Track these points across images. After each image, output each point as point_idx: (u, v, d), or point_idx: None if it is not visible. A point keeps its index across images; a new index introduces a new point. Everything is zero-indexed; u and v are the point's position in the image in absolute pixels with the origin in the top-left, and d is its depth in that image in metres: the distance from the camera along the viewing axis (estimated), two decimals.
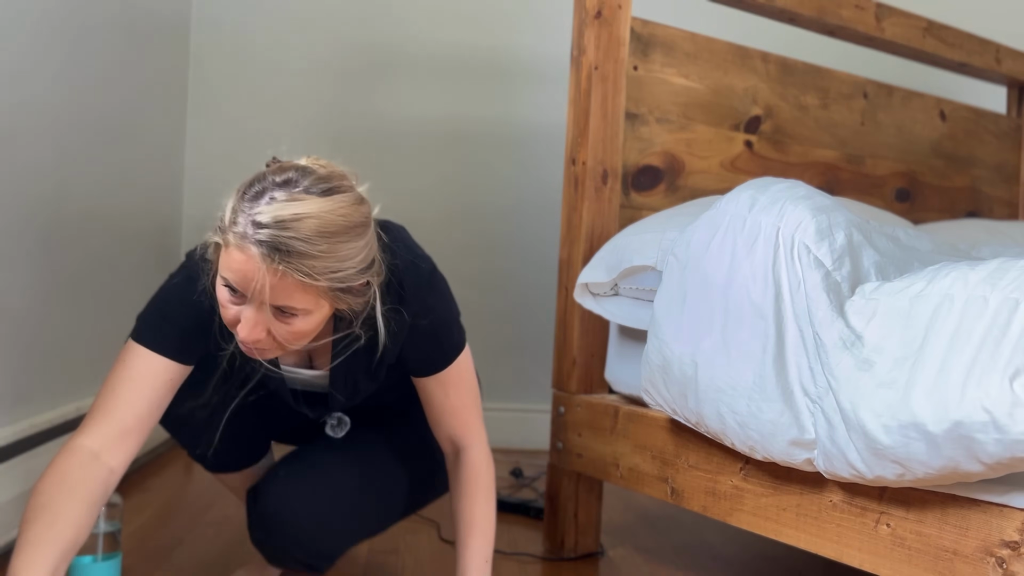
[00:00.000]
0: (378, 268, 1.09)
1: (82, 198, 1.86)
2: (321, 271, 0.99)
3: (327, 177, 1.02)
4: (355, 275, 1.03)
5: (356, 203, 1.03)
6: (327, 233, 0.98)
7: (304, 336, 1.05)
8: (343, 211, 1.00)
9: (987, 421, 0.87)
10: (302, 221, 0.97)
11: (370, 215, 1.06)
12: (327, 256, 0.99)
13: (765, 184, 1.20)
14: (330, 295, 1.02)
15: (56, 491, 1.04)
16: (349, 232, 1.01)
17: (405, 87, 2.69)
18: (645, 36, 1.73)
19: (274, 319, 1.02)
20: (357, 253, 1.02)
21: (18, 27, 1.55)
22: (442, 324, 1.22)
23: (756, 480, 1.23)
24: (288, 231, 0.96)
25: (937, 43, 2.19)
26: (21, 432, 1.55)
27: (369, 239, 1.05)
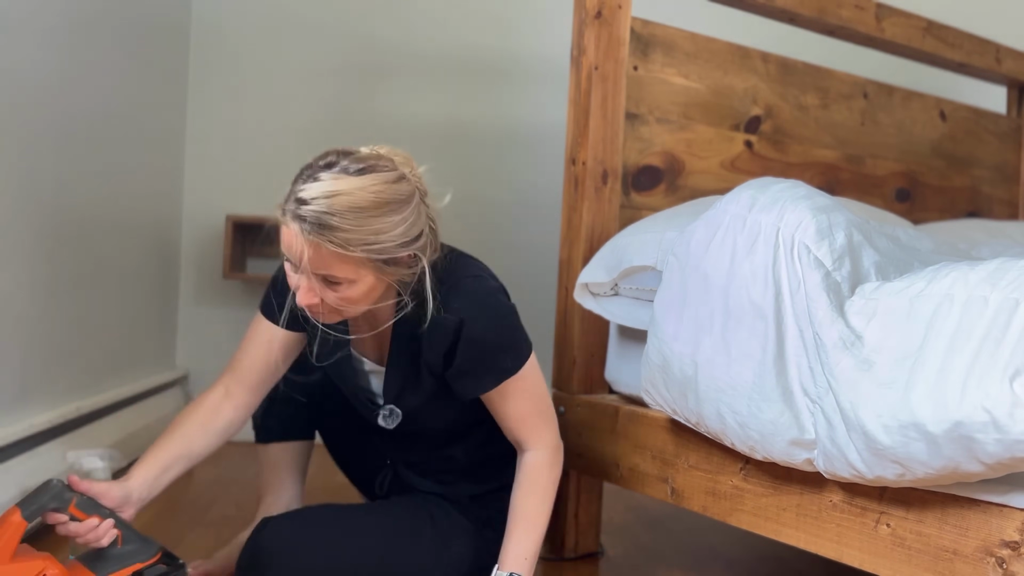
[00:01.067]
0: (427, 244, 1.19)
1: (82, 198, 1.86)
2: (355, 243, 1.10)
3: (365, 158, 1.14)
4: (394, 248, 1.13)
5: (391, 181, 1.13)
6: (358, 208, 1.09)
7: (353, 303, 1.16)
8: (375, 188, 1.11)
9: (987, 421, 0.87)
10: (335, 198, 1.08)
11: (412, 192, 1.16)
12: (359, 229, 1.09)
13: (765, 184, 1.20)
14: (371, 265, 1.13)
15: (181, 417, 1.31)
16: (382, 207, 1.11)
17: (405, 87, 2.69)
18: (645, 36, 1.73)
19: (324, 287, 1.14)
20: (393, 227, 1.12)
21: (18, 27, 1.55)
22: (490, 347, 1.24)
23: (756, 480, 1.23)
24: (322, 207, 1.08)
25: (937, 43, 2.19)
26: (21, 432, 1.55)
27: (408, 215, 1.14)
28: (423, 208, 1.19)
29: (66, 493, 1.10)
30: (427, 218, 1.20)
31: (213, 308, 2.64)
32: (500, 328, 1.25)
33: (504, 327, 1.26)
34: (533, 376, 1.29)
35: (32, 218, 1.63)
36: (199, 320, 2.64)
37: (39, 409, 1.69)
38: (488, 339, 1.24)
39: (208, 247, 2.63)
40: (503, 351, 1.25)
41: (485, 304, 1.25)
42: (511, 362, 1.26)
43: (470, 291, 1.25)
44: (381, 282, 1.17)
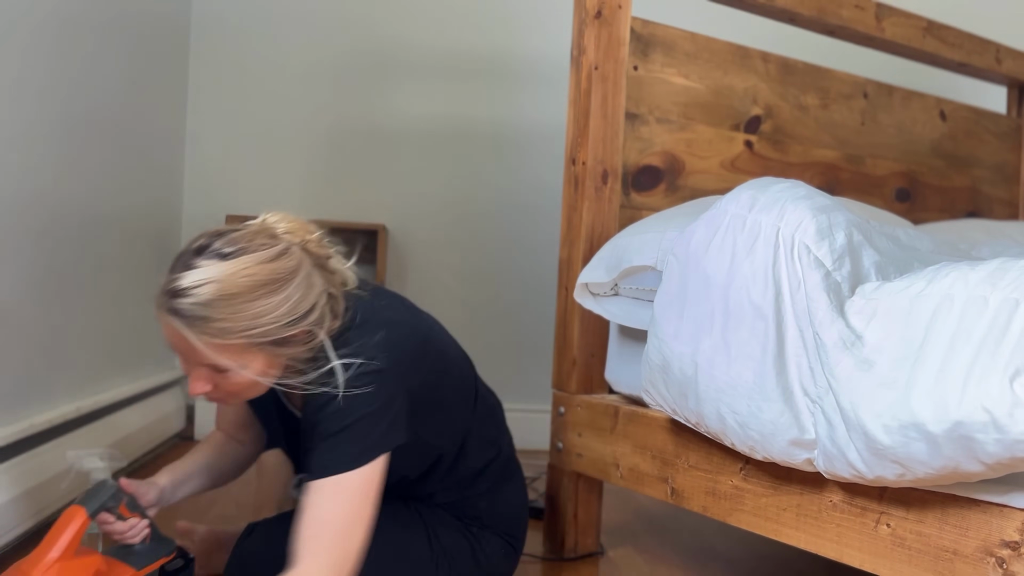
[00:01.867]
0: (323, 315, 1.11)
1: (82, 198, 1.86)
2: (233, 331, 1.04)
3: (238, 239, 1.08)
4: (279, 328, 1.06)
5: (268, 260, 1.07)
6: (230, 295, 1.04)
7: (248, 387, 1.12)
8: (249, 271, 1.05)
9: (987, 421, 0.87)
10: (205, 287, 1.03)
11: (296, 267, 1.09)
12: (235, 317, 1.04)
13: (765, 184, 1.20)
14: (258, 349, 1.07)
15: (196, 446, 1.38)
16: (257, 290, 1.05)
17: (405, 87, 2.69)
18: (645, 36, 1.73)
19: (214, 375, 1.09)
20: (274, 308, 1.06)
21: (18, 27, 1.55)
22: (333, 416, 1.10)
23: (756, 480, 1.23)
24: (189, 298, 1.03)
25: (937, 43, 2.19)
26: (21, 432, 1.55)
27: (293, 291, 1.07)
28: (317, 278, 1.12)
29: (119, 494, 1.17)
30: (322, 288, 1.12)
31: None
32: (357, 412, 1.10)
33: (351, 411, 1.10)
34: (364, 484, 1.09)
35: (32, 218, 1.63)
36: None
37: (39, 409, 1.69)
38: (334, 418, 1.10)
39: None
40: (343, 436, 1.09)
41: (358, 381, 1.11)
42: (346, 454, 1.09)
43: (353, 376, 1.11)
44: (274, 363, 1.10)
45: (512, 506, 1.37)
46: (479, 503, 1.33)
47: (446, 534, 1.29)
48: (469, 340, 2.70)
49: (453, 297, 2.71)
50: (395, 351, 1.14)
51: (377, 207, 2.68)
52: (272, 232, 1.12)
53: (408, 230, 2.69)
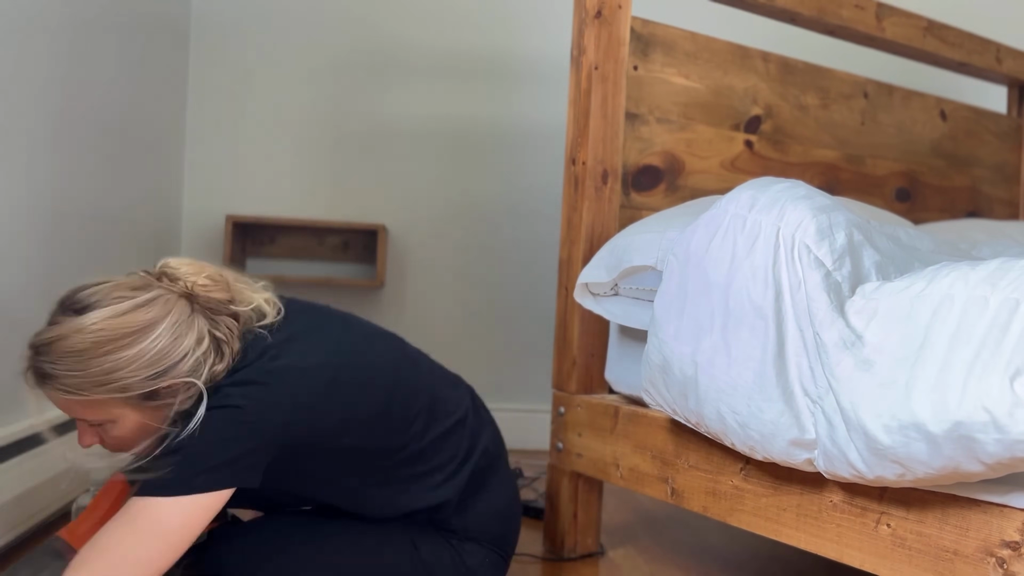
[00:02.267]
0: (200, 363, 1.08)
1: (82, 198, 1.86)
2: (85, 387, 1.03)
3: (94, 292, 1.06)
4: (141, 382, 1.04)
5: (117, 315, 1.04)
6: (75, 352, 1.02)
7: (128, 441, 1.10)
8: (96, 327, 1.03)
9: (987, 421, 0.87)
10: (52, 344, 1.03)
11: (151, 321, 1.05)
12: (83, 373, 1.02)
13: (765, 184, 1.20)
14: (124, 403, 1.06)
15: None
16: (106, 345, 1.03)
17: (405, 87, 2.69)
18: (645, 36, 1.73)
19: (95, 428, 1.09)
20: (129, 363, 1.03)
21: (18, 27, 1.55)
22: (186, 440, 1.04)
23: (756, 480, 1.23)
24: (41, 355, 1.04)
25: (937, 43, 2.19)
26: (21, 432, 1.55)
27: (152, 343, 1.04)
28: (195, 326, 1.08)
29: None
30: (198, 336, 1.08)
31: None
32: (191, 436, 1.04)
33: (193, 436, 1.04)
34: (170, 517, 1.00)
35: (32, 217, 1.63)
36: None
37: (39, 409, 1.68)
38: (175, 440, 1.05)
39: (208, 247, 2.63)
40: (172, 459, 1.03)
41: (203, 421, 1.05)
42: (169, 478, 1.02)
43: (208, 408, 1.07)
44: (153, 415, 1.07)
45: (490, 516, 1.31)
46: (451, 520, 1.28)
47: (427, 547, 1.25)
48: (469, 340, 2.71)
49: (453, 297, 2.71)
50: (262, 398, 1.07)
51: (377, 207, 2.68)
52: (141, 283, 1.10)
53: (408, 230, 2.69)
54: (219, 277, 1.16)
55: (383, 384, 1.21)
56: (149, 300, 1.07)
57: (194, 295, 1.12)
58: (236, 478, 1.04)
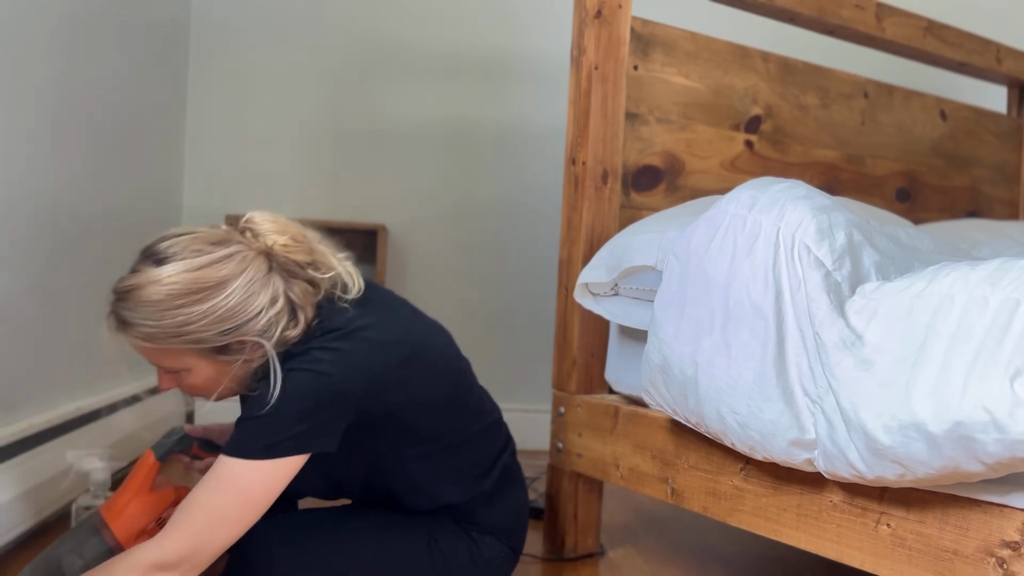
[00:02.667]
0: (272, 324, 1.10)
1: (82, 198, 1.86)
2: (160, 337, 1.07)
3: (174, 244, 1.09)
4: (213, 336, 1.07)
5: (192, 269, 1.07)
6: (151, 302, 1.06)
7: (204, 390, 1.14)
8: (171, 279, 1.06)
9: (987, 421, 0.87)
10: (130, 292, 1.07)
11: (226, 277, 1.08)
12: (158, 324, 1.06)
13: (765, 184, 1.20)
14: (197, 354, 1.09)
15: None
16: (179, 299, 1.06)
17: (405, 87, 2.69)
18: (645, 36, 1.73)
19: (171, 374, 1.14)
20: (200, 317, 1.06)
21: (18, 27, 1.55)
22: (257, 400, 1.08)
23: (756, 480, 1.23)
24: (120, 302, 1.09)
25: (937, 43, 2.19)
26: (21, 432, 1.55)
27: (223, 300, 1.07)
28: (271, 286, 1.10)
29: (188, 439, 1.29)
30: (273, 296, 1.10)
31: None
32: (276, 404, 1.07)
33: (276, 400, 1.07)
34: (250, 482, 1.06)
35: (32, 217, 1.63)
36: None
37: (39, 409, 1.69)
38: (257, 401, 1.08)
39: None
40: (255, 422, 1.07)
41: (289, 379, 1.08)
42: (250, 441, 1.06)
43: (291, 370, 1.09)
44: (224, 368, 1.11)
45: (512, 513, 1.35)
46: (477, 512, 1.31)
47: (445, 539, 1.27)
48: (469, 340, 2.70)
49: (453, 297, 2.71)
50: (348, 364, 1.10)
51: (377, 207, 2.68)
52: (222, 237, 1.11)
53: (408, 230, 2.69)
54: (302, 238, 1.16)
55: (447, 370, 1.25)
56: (226, 256, 1.09)
57: (273, 254, 1.13)
58: (315, 444, 1.08)
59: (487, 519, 1.32)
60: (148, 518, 1.19)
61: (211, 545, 1.04)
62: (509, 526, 1.34)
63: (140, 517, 1.19)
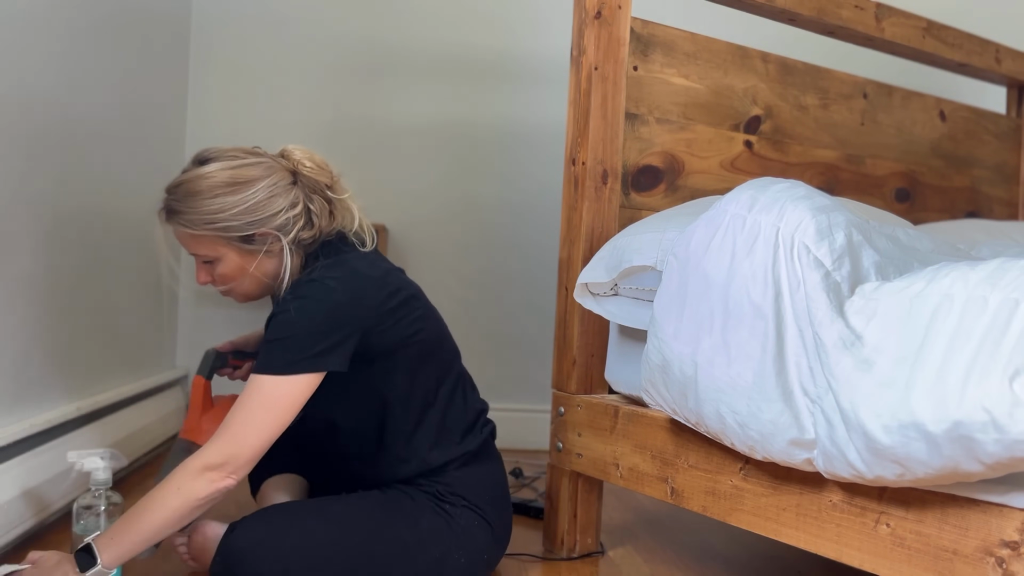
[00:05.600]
0: (289, 224, 1.31)
1: (82, 198, 1.86)
2: (198, 223, 1.28)
3: (219, 151, 1.32)
4: (241, 225, 1.28)
5: (231, 167, 1.29)
6: (195, 192, 1.28)
7: (231, 279, 1.33)
8: (212, 173, 1.28)
9: (987, 421, 0.87)
10: (178, 186, 1.30)
11: (261, 176, 1.30)
12: (197, 210, 1.27)
13: (765, 184, 1.20)
14: (225, 243, 1.30)
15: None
16: (216, 189, 1.28)
17: (405, 87, 2.69)
18: (645, 36, 1.73)
19: (205, 268, 1.34)
20: (232, 207, 1.27)
21: (18, 27, 1.55)
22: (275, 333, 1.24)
23: (756, 480, 1.23)
24: (170, 195, 1.31)
25: (937, 43, 2.19)
26: (21, 432, 1.55)
27: (251, 195, 1.28)
28: (291, 194, 1.31)
29: (222, 355, 1.49)
30: (292, 201, 1.31)
31: (213, 308, 2.64)
32: (290, 326, 1.23)
33: (292, 326, 1.23)
34: (276, 395, 1.22)
35: (32, 217, 1.63)
36: (199, 320, 2.64)
37: (39, 409, 1.69)
38: (277, 328, 1.24)
39: None
40: (276, 346, 1.23)
41: (298, 299, 1.25)
42: (275, 363, 1.22)
43: (302, 285, 1.27)
44: (248, 259, 1.31)
45: (486, 484, 1.42)
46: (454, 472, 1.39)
47: (424, 518, 1.34)
48: (469, 340, 2.71)
49: (453, 297, 2.71)
50: (354, 286, 1.28)
51: (377, 207, 2.68)
52: (256, 151, 1.34)
53: (408, 230, 2.69)
54: (326, 166, 1.38)
55: (438, 327, 1.43)
56: (257, 162, 1.31)
57: (299, 172, 1.34)
58: (330, 362, 1.24)
59: (461, 484, 1.39)
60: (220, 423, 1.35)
61: (247, 449, 1.20)
62: (483, 496, 1.40)
63: (214, 424, 1.41)
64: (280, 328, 1.24)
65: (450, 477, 1.39)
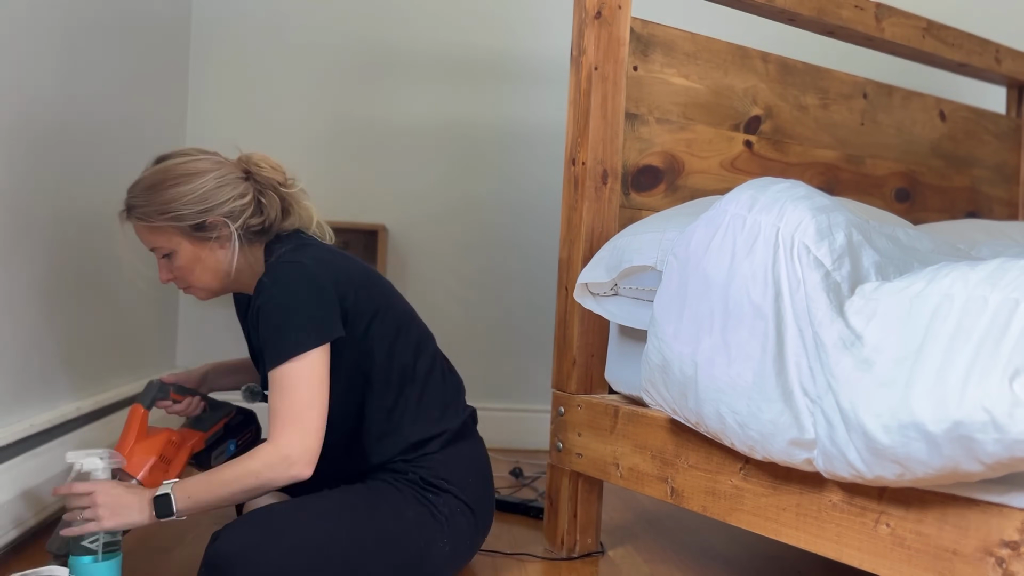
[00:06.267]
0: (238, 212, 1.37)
1: (83, 197, 1.86)
2: (152, 213, 1.35)
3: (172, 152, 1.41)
4: (192, 214, 1.35)
5: (182, 162, 1.38)
6: (148, 186, 1.36)
7: (189, 272, 1.39)
8: (163, 169, 1.37)
9: (987, 421, 0.87)
10: (137, 184, 1.38)
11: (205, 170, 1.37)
12: (151, 202, 1.35)
13: (765, 184, 1.20)
14: (179, 232, 1.36)
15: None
16: (168, 182, 1.35)
17: (405, 87, 2.69)
18: (645, 36, 1.73)
19: (165, 264, 1.40)
20: (182, 196, 1.35)
21: (18, 27, 1.55)
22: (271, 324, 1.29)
23: (756, 480, 1.23)
24: (129, 193, 1.39)
25: (937, 43, 2.19)
26: (21, 432, 1.55)
27: (200, 185, 1.35)
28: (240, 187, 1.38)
29: (164, 387, 1.50)
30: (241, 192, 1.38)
31: (213, 308, 2.64)
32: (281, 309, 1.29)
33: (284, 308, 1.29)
34: (311, 368, 1.29)
35: (33, 217, 1.63)
36: (199, 320, 2.64)
37: (39, 409, 1.69)
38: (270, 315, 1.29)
39: None
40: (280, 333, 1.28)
41: (278, 281, 1.31)
42: (288, 348, 1.28)
43: (270, 268, 1.34)
44: (201, 248, 1.37)
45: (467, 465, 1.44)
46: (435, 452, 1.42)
47: (409, 508, 1.36)
48: (469, 340, 2.71)
49: (453, 297, 2.71)
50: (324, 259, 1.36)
51: (377, 207, 2.68)
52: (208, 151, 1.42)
53: (408, 230, 2.69)
54: (279, 167, 1.45)
55: (406, 304, 1.49)
56: (207, 158, 1.40)
57: (250, 170, 1.41)
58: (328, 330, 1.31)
59: (444, 467, 1.41)
60: (151, 455, 1.42)
61: (310, 426, 1.27)
62: (465, 477, 1.43)
63: (145, 455, 1.42)
64: (272, 315, 1.29)
65: (433, 460, 1.41)
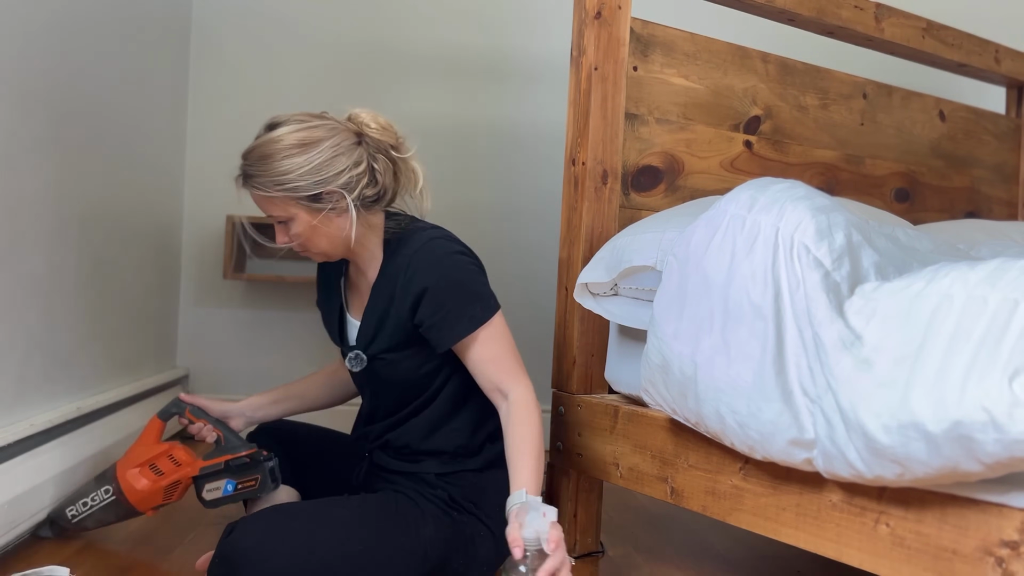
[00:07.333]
0: (354, 183, 1.36)
1: (82, 198, 1.86)
2: (269, 184, 1.33)
3: (286, 116, 1.38)
4: (309, 185, 1.33)
5: (297, 130, 1.35)
6: (263, 156, 1.34)
7: (303, 238, 1.38)
8: (278, 136, 1.34)
9: (986, 421, 0.87)
10: (251, 151, 1.36)
11: (325, 137, 1.35)
12: (268, 172, 1.33)
13: (765, 184, 1.20)
14: (295, 202, 1.35)
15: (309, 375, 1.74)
16: (284, 151, 1.33)
17: (405, 87, 2.69)
18: (645, 36, 1.73)
19: (281, 229, 1.40)
20: (298, 167, 1.33)
21: (18, 27, 1.55)
22: (451, 290, 1.36)
23: (756, 480, 1.23)
24: (244, 160, 1.37)
25: (937, 43, 2.20)
26: (21, 432, 1.55)
27: (317, 155, 1.33)
28: (355, 154, 1.36)
29: (180, 404, 1.56)
30: (356, 161, 1.36)
31: (214, 308, 2.64)
32: (461, 281, 1.37)
33: (464, 282, 1.37)
34: (504, 328, 1.39)
35: (32, 217, 1.63)
36: (199, 320, 2.64)
37: (39, 409, 1.69)
38: (453, 289, 1.36)
39: (209, 247, 2.63)
40: (469, 301, 1.36)
41: (442, 260, 1.36)
42: (480, 312, 1.36)
43: (425, 247, 1.38)
44: (317, 217, 1.36)
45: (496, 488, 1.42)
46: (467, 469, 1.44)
47: (428, 525, 1.35)
48: None
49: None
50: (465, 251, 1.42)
51: None
52: (322, 114, 1.39)
53: None
54: (390, 127, 1.44)
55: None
56: (321, 124, 1.37)
57: (363, 133, 1.40)
58: (496, 301, 1.40)
59: (475, 489, 1.42)
60: (142, 459, 1.53)
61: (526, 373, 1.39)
62: (495, 502, 1.40)
63: (136, 457, 1.53)
64: (451, 293, 1.36)
65: (467, 479, 1.42)
